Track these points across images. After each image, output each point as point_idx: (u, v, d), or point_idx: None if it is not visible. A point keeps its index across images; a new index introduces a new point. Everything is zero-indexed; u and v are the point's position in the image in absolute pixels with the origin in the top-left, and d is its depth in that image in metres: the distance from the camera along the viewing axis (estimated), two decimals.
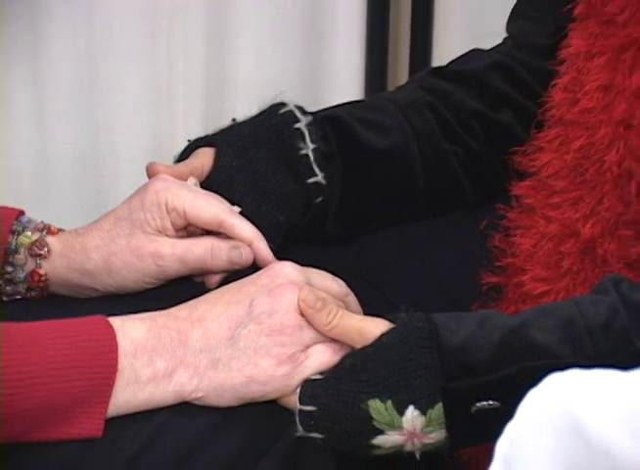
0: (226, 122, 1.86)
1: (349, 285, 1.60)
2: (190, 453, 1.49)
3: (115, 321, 1.48)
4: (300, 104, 1.84)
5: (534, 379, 1.16)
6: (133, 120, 2.51)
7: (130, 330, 1.48)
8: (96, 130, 2.48)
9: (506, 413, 1.16)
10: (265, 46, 2.70)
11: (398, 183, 1.82)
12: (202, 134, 1.89)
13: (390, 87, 2.33)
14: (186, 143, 1.83)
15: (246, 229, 1.65)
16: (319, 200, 1.76)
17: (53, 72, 2.49)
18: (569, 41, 1.72)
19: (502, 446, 1.14)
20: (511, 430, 1.15)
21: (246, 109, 1.91)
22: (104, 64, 2.57)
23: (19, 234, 1.65)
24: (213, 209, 1.66)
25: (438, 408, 1.46)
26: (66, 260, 1.66)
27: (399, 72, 2.27)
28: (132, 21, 2.57)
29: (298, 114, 1.79)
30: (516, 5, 1.93)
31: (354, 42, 2.42)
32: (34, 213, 1.74)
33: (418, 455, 1.50)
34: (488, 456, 1.23)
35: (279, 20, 2.82)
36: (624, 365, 1.16)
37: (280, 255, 1.65)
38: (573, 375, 1.14)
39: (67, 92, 2.51)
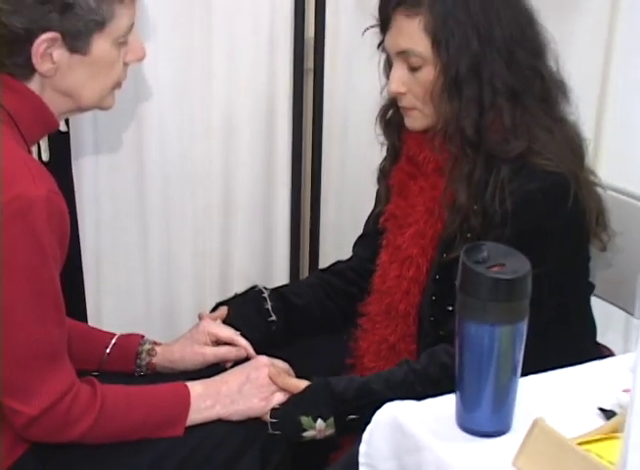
0: None
1: (290, 365, 1.58)
2: (223, 439, 1.47)
3: (188, 384, 1.49)
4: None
5: (374, 405, 1.21)
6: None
7: (195, 388, 1.48)
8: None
9: (362, 421, 1.21)
10: None
11: (308, 320, 1.76)
12: None
13: (302, 276, 2.19)
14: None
15: (243, 342, 1.64)
16: (274, 328, 1.71)
17: None
18: (380, 256, 1.68)
19: (366, 435, 1.19)
20: (370, 427, 1.19)
21: None
22: None
23: (142, 345, 1.64)
24: (229, 333, 1.65)
25: (331, 420, 1.46)
26: (163, 357, 1.64)
27: (304, 269, 2.21)
28: None
29: (264, 290, 1.74)
30: (355, 243, 1.84)
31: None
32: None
33: (318, 438, 1.48)
34: (352, 440, 1.26)
35: None
36: (415, 399, 1.20)
37: (258, 353, 1.62)
38: (396, 403, 1.19)
39: None
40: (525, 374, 1.16)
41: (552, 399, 1.19)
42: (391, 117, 1.66)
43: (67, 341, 1.36)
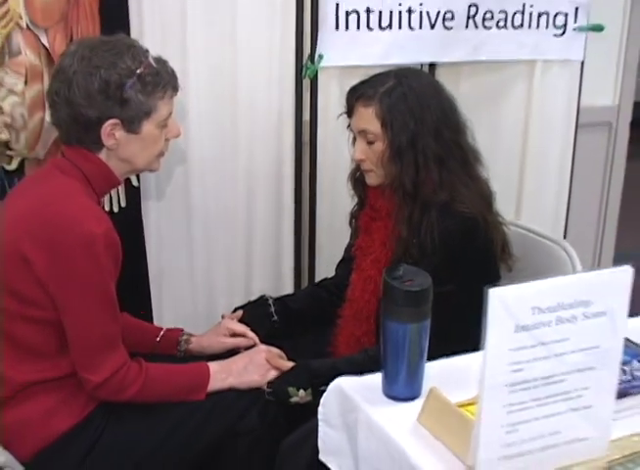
0: None
1: (287, 353, 1.58)
2: (233, 402, 1.48)
3: (208, 363, 1.50)
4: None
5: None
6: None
7: (213, 366, 1.50)
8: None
9: None
10: None
11: (301, 320, 1.74)
12: None
13: (303, 286, 2.12)
14: None
15: (251, 335, 1.65)
16: (276, 325, 1.70)
17: None
18: (351, 276, 1.65)
19: (323, 399, 1.21)
20: (325, 394, 1.20)
21: None
22: None
23: (182, 336, 1.66)
24: (242, 328, 1.66)
25: (309, 390, 1.47)
26: (196, 344, 1.65)
27: (304, 282, 2.13)
28: None
29: (269, 298, 1.74)
30: (337, 265, 1.79)
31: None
32: None
33: (301, 403, 1.46)
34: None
35: None
36: (368, 372, 1.18)
37: (264, 343, 1.62)
38: (343, 377, 1.18)
39: None
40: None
41: (454, 375, 1.18)
42: (358, 177, 1.67)
43: (121, 332, 1.40)
